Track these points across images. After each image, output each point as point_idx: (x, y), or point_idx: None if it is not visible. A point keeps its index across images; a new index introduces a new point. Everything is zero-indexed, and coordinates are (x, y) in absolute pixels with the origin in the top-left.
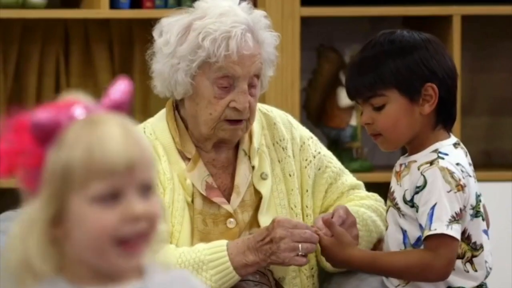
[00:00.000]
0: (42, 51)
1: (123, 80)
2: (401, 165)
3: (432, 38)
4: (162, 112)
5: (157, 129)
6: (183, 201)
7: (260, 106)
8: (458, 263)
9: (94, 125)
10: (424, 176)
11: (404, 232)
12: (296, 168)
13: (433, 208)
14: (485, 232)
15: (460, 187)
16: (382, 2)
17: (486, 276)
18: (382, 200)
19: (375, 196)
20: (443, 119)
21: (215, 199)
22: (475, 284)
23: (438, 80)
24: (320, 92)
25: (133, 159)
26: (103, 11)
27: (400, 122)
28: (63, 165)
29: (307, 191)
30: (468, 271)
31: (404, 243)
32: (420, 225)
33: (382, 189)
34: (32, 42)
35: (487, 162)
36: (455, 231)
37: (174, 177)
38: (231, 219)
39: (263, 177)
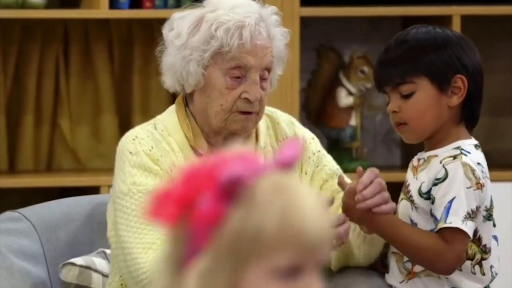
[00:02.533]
0: (41, 51)
1: (295, 141)
2: (419, 159)
3: (464, 36)
4: (171, 109)
5: (169, 125)
6: None
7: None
8: (467, 264)
9: (286, 189)
10: (445, 169)
11: (414, 225)
12: (297, 166)
13: (451, 201)
14: (495, 237)
15: (480, 186)
16: (382, 2)
17: (491, 281)
18: None
19: None
20: (467, 117)
21: None
22: (480, 287)
23: (468, 74)
24: (319, 92)
25: (324, 235)
26: (103, 11)
27: (428, 112)
28: (253, 227)
29: None
30: (475, 273)
31: None
32: (435, 217)
33: None
34: (31, 42)
35: (487, 162)
36: (469, 227)
37: None
38: None
39: None
